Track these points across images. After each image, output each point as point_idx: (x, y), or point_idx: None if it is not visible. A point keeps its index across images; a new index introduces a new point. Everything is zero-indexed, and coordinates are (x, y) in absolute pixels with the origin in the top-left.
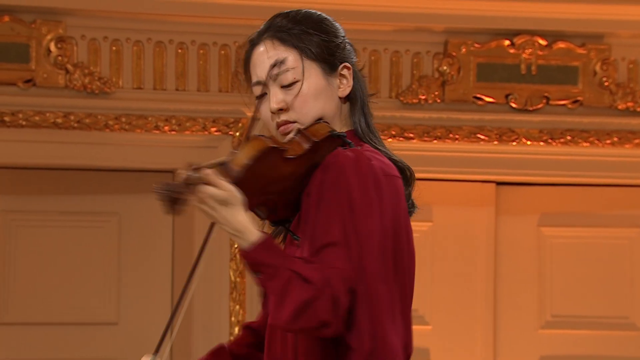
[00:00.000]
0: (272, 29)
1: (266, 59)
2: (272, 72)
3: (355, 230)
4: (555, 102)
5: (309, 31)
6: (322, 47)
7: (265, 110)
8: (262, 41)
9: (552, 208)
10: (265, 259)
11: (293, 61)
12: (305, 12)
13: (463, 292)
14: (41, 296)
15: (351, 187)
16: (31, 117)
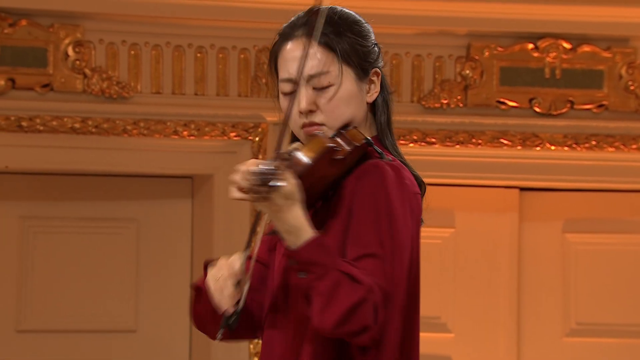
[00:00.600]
0: (308, 26)
1: (301, 57)
2: (307, 73)
3: (392, 245)
4: (580, 107)
5: (346, 34)
6: (357, 52)
7: (291, 109)
8: (297, 37)
9: (576, 214)
10: (317, 258)
11: (329, 64)
12: (341, 11)
13: (486, 299)
14: (59, 303)
15: (392, 202)
16: (49, 122)
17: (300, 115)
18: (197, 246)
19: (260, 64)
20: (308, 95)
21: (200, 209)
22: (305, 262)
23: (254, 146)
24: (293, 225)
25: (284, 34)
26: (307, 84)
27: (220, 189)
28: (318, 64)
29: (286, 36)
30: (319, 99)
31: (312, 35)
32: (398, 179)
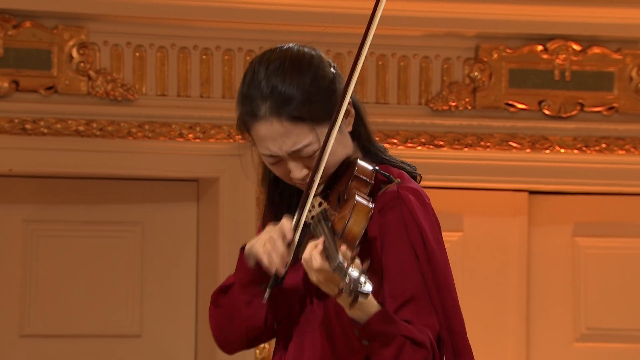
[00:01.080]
0: (273, 102)
1: (278, 137)
2: (289, 150)
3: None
4: (590, 109)
5: (311, 92)
6: (326, 104)
7: (281, 172)
8: (266, 118)
9: (586, 218)
10: (383, 329)
11: (309, 135)
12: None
13: (495, 304)
14: (62, 308)
15: (426, 233)
16: (53, 124)
17: (292, 178)
18: (203, 250)
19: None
20: (297, 165)
21: (205, 213)
22: (372, 335)
23: None
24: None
25: (250, 112)
26: (292, 156)
27: (226, 192)
28: (297, 140)
29: (253, 115)
30: (309, 162)
31: (281, 113)
32: (420, 202)
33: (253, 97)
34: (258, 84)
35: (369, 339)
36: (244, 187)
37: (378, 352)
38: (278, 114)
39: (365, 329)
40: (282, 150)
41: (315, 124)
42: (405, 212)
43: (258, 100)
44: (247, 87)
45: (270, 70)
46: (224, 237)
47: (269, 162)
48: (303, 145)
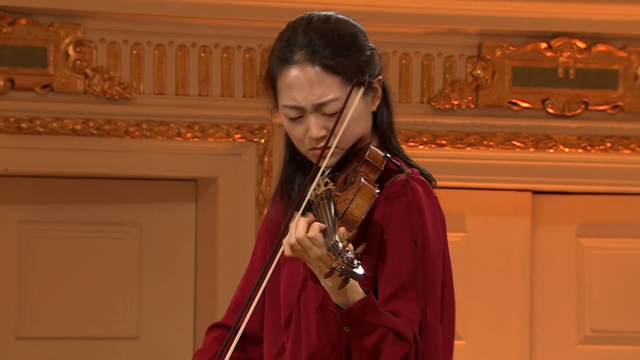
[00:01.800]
0: (309, 49)
1: (307, 85)
2: (315, 102)
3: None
4: (595, 108)
5: (347, 51)
6: (361, 68)
7: (298, 132)
8: (299, 63)
9: (591, 218)
10: (365, 318)
11: (336, 89)
12: (336, 23)
13: (498, 305)
14: (59, 309)
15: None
16: (49, 123)
17: (309, 140)
18: (201, 251)
19: (266, 64)
20: (318, 122)
21: (204, 213)
22: (353, 322)
23: (260, 148)
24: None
25: (283, 57)
26: (315, 111)
27: (225, 192)
28: (325, 91)
29: (285, 60)
30: (329, 123)
31: (315, 61)
32: (427, 194)
33: (289, 45)
34: (296, 35)
35: (350, 325)
36: (243, 186)
37: (358, 340)
38: (312, 60)
39: (347, 315)
40: (308, 100)
41: (346, 81)
42: (411, 201)
43: (294, 47)
44: (284, 40)
45: (311, 25)
46: (223, 238)
47: (289, 117)
48: (330, 98)
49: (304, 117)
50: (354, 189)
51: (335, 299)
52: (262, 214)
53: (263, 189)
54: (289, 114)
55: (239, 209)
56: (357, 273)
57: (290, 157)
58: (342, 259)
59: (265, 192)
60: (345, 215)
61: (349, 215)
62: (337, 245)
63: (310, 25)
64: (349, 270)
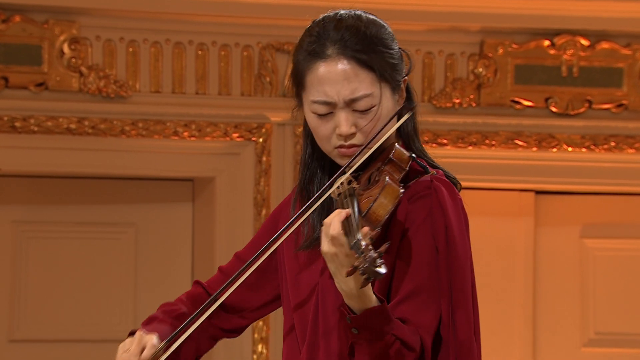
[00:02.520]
0: (343, 44)
1: (340, 79)
2: (347, 97)
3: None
4: (599, 106)
5: (379, 48)
6: (391, 66)
7: (325, 130)
8: (332, 57)
9: (595, 218)
10: (376, 326)
11: (369, 86)
12: (367, 20)
13: (500, 307)
14: (53, 312)
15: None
16: (43, 122)
17: (336, 137)
18: (198, 252)
19: (264, 61)
20: (349, 118)
21: (201, 213)
22: (363, 327)
23: (258, 147)
24: (360, 292)
25: (314, 52)
26: (347, 106)
27: (222, 192)
28: (359, 86)
29: (317, 55)
30: (360, 121)
31: (349, 55)
32: (451, 195)
33: (320, 39)
34: (327, 31)
35: (358, 329)
36: (241, 187)
37: (365, 345)
38: (347, 55)
39: (357, 320)
40: (340, 95)
41: (380, 79)
42: (435, 202)
43: (326, 42)
44: (313, 35)
45: (342, 22)
46: (220, 239)
47: (317, 113)
48: (363, 94)
49: (333, 113)
50: (378, 188)
51: (348, 302)
52: (260, 215)
53: (261, 189)
54: (318, 110)
55: (237, 210)
56: (380, 272)
57: (310, 159)
58: (365, 258)
59: (263, 192)
60: (369, 214)
61: (373, 214)
62: (359, 243)
63: (341, 21)
64: (372, 269)
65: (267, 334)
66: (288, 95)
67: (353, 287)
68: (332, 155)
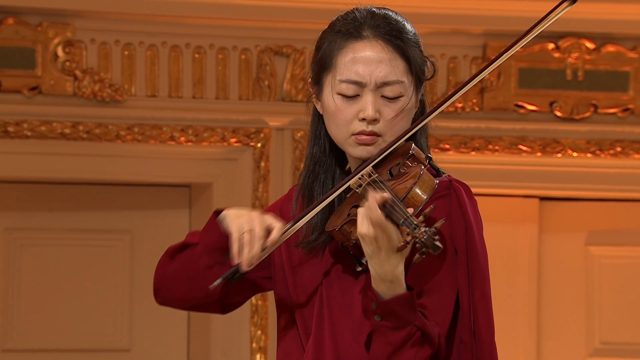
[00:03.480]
0: (381, 29)
1: (376, 60)
2: (380, 80)
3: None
4: (604, 111)
5: (412, 42)
6: (422, 64)
7: (348, 114)
8: (369, 38)
9: (600, 225)
10: (402, 313)
11: (403, 73)
12: (398, 17)
13: (503, 317)
14: (47, 321)
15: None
16: (37, 127)
17: (358, 122)
18: None
19: (263, 65)
20: (376, 102)
21: (198, 220)
22: (388, 313)
23: (256, 153)
24: (394, 276)
25: (348, 32)
26: (376, 90)
27: (220, 199)
28: (393, 72)
29: (352, 35)
30: (385, 109)
31: (387, 39)
32: (469, 197)
33: (355, 22)
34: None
35: (383, 316)
36: (239, 193)
37: (387, 333)
38: (385, 39)
39: (383, 305)
40: (373, 76)
41: (411, 71)
42: (454, 203)
43: (363, 25)
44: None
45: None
46: None
47: (344, 94)
48: (396, 79)
49: (359, 96)
50: (410, 178)
51: (377, 287)
52: None
53: (260, 196)
54: (345, 91)
55: None
56: (439, 246)
57: (316, 157)
58: (423, 232)
59: (262, 198)
60: (407, 198)
61: (411, 198)
62: (410, 219)
63: (374, 13)
64: (431, 242)
65: (266, 343)
66: (287, 100)
67: (390, 270)
68: (347, 143)
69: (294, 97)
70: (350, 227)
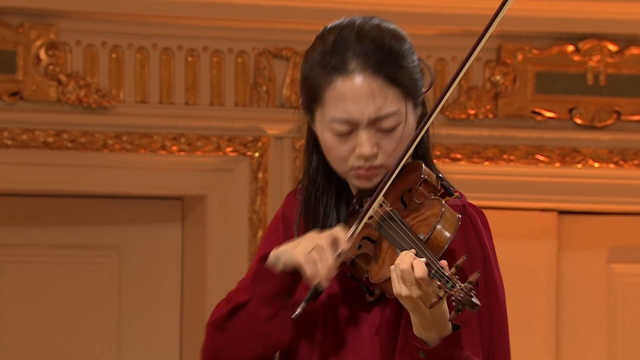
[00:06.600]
0: (366, 58)
1: (366, 96)
2: (372, 116)
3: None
4: (628, 118)
5: (403, 62)
6: (415, 82)
7: (343, 150)
8: (356, 72)
9: (623, 241)
10: (450, 353)
11: (397, 104)
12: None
13: (520, 338)
14: (30, 342)
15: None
16: (18, 135)
17: (355, 159)
18: (188, 276)
19: (260, 69)
20: (372, 138)
21: (191, 235)
22: (437, 358)
23: (253, 163)
24: (438, 321)
25: (333, 65)
26: (370, 126)
27: (214, 212)
28: (386, 104)
29: (337, 69)
30: (383, 141)
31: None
32: (483, 222)
33: (339, 51)
34: (346, 41)
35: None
36: (234, 206)
37: None
38: (373, 70)
39: (433, 352)
40: (364, 114)
41: (406, 96)
42: (470, 230)
43: (347, 54)
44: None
45: (362, 31)
46: (211, 263)
47: (337, 132)
48: (389, 112)
49: (354, 132)
50: (431, 212)
51: (422, 334)
52: (256, 237)
53: (257, 209)
54: (339, 129)
55: (230, 231)
56: (476, 304)
57: (316, 176)
58: (460, 289)
59: (259, 212)
60: (430, 240)
61: (434, 240)
62: (442, 272)
63: (361, 32)
64: (469, 300)
65: None
66: (287, 106)
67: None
68: (347, 176)
69: (293, 103)
70: (365, 265)
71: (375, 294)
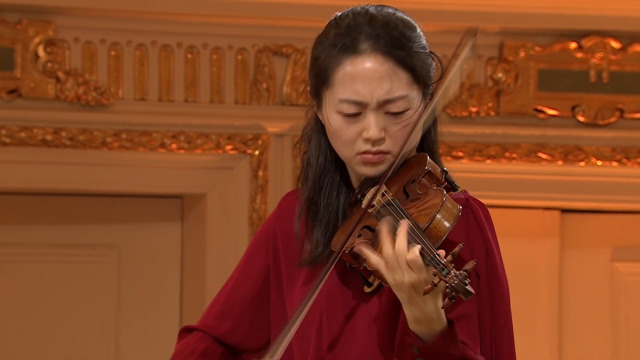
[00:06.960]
0: (379, 40)
1: (376, 77)
2: (382, 98)
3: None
4: (631, 115)
5: (415, 48)
6: (427, 70)
7: (351, 132)
8: (367, 53)
9: (627, 240)
10: (445, 350)
11: (406, 87)
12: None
13: (522, 338)
14: (28, 342)
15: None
16: (16, 133)
17: (363, 142)
18: (188, 275)
19: (261, 66)
20: (380, 121)
21: (191, 234)
22: (432, 355)
23: (253, 161)
24: (432, 316)
25: (344, 45)
26: (379, 108)
27: (214, 211)
28: (396, 87)
29: (348, 49)
30: (391, 126)
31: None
32: (486, 216)
33: (351, 33)
34: (359, 25)
35: (427, 357)
36: (234, 204)
37: None
38: (384, 52)
39: (428, 349)
40: (374, 95)
41: (416, 81)
42: (472, 223)
43: (359, 36)
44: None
45: (375, 17)
46: (211, 261)
47: (345, 113)
48: (399, 95)
49: (361, 114)
50: (432, 203)
51: (417, 329)
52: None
53: (257, 207)
54: (346, 110)
55: (230, 229)
56: (471, 291)
57: (319, 168)
58: (454, 275)
59: (259, 210)
60: (429, 229)
61: (433, 229)
62: (438, 259)
63: (374, 17)
64: (463, 287)
65: None
66: (287, 104)
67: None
68: (353, 161)
69: (294, 101)
70: None
71: (374, 285)
